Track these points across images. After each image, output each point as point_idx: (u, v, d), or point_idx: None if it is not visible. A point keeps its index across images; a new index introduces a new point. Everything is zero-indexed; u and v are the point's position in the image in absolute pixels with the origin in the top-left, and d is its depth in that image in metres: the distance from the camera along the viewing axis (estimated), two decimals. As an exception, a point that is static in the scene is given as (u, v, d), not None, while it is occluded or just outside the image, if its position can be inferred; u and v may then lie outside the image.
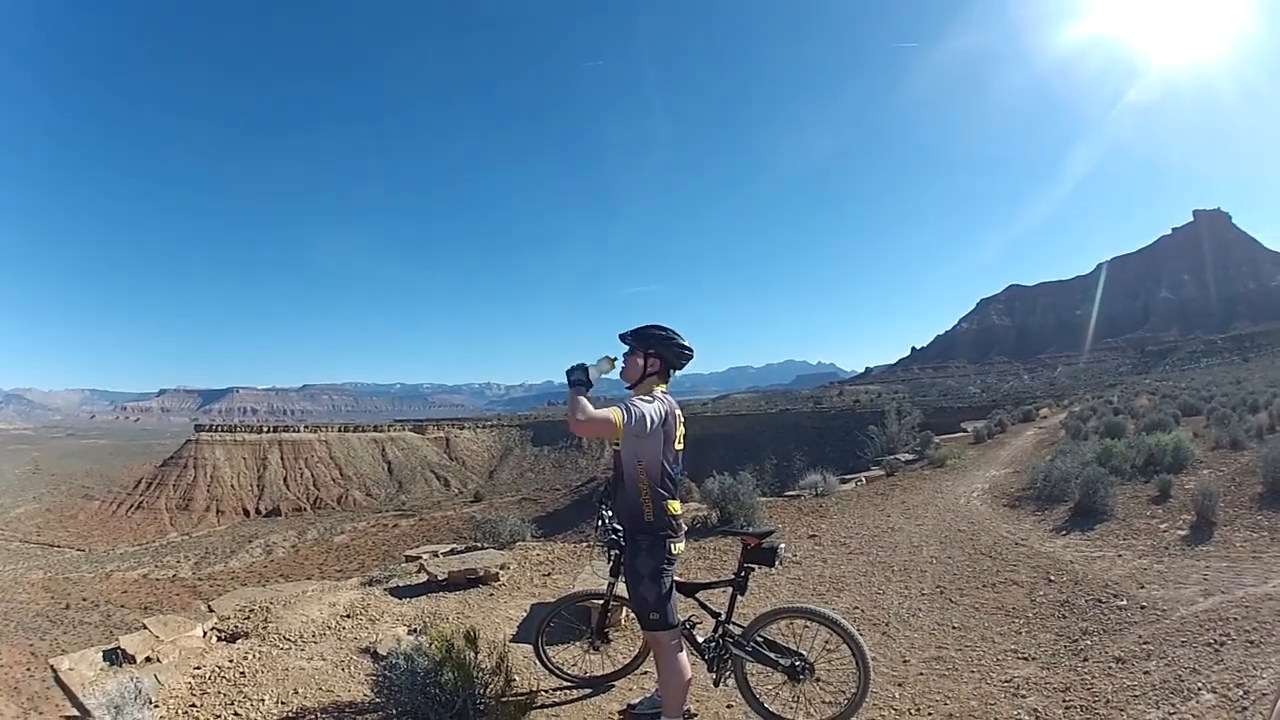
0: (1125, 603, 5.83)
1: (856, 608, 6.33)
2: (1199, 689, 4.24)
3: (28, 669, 47.59)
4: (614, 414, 3.63)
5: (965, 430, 22.39)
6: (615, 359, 3.97)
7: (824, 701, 4.23)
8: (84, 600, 68.70)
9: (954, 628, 5.73)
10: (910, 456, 15.49)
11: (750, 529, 4.41)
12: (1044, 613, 5.88)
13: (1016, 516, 9.51)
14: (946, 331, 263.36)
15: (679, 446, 3.98)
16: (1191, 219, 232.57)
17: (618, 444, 3.89)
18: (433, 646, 4.21)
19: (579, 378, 3.70)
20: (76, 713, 4.96)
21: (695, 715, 4.44)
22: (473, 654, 4.20)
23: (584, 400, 3.62)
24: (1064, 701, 4.30)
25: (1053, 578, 6.68)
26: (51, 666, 5.51)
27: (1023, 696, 4.44)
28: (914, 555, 7.93)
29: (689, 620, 4.32)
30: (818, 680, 4.12)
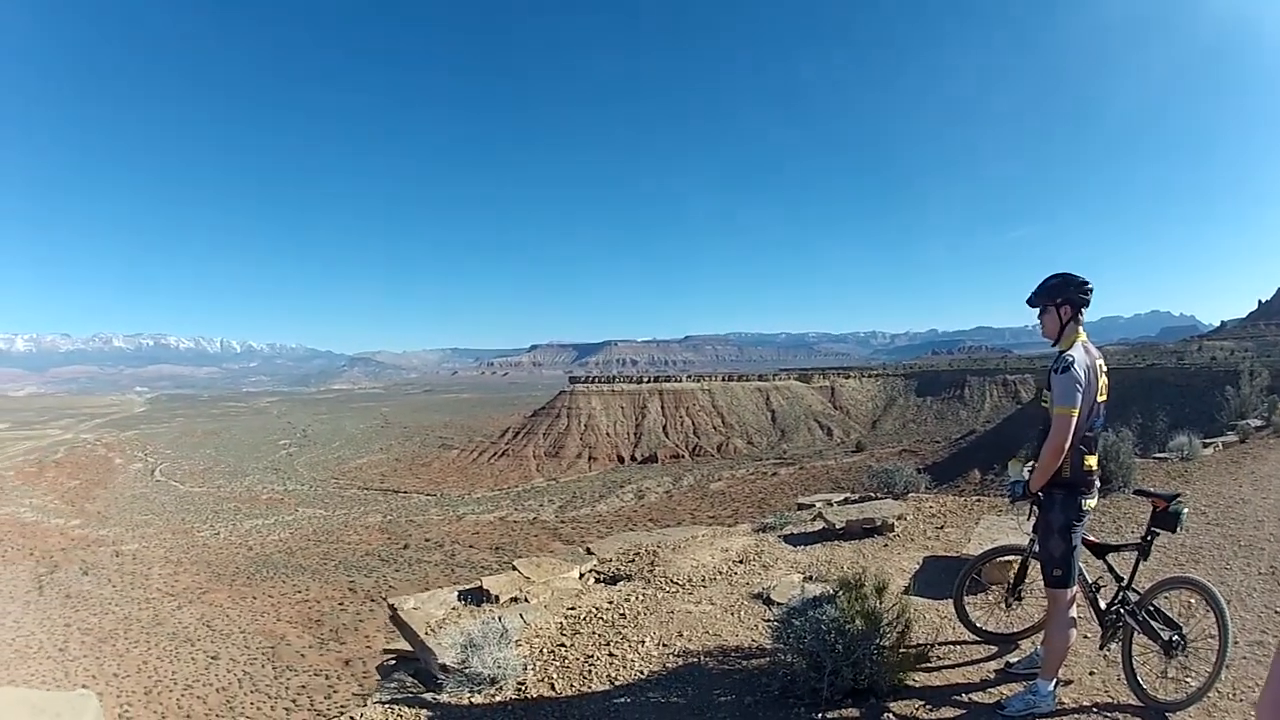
0: None
1: (1205, 581, 6.28)
2: None
3: (340, 603, 50.98)
4: (1060, 414, 3.79)
5: (1307, 396, 19.00)
6: (1016, 463, 4.34)
7: (1178, 681, 4.06)
8: (426, 540, 70.77)
9: (1277, 613, 5.56)
10: (1259, 422, 14.50)
11: (1159, 491, 4.19)
12: (1350, 607, 5.52)
13: (1346, 499, 8.67)
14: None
15: (1100, 399, 3.92)
16: None
17: (1046, 402, 3.95)
18: (842, 595, 4.26)
19: (1018, 492, 4.09)
20: (408, 648, 4.96)
21: (1070, 682, 4.29)
22: (879, 604, 4.25)
23: (1054, 433, 3.83)
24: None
25: (1364, 570, 6.26)
26: (391, 605, 5.50)
27: None
28: (1257, 530, 7.72)
29: (1095, 584, 4.30)
30: (1185, 658, 4.00)
